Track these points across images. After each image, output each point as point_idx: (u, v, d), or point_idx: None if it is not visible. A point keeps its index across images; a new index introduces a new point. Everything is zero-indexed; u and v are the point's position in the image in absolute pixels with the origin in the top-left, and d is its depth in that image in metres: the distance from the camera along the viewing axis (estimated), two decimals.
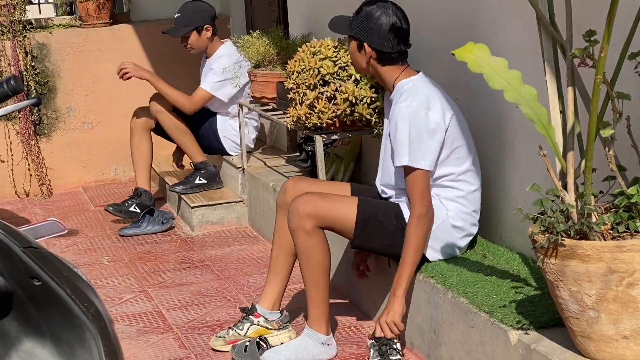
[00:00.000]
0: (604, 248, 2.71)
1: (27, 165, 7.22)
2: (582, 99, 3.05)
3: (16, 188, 7.22)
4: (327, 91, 4.60)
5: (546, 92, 3.01)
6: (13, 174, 7.19)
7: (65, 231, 3.60)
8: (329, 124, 4.66)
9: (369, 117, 4.56)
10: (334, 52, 4.64)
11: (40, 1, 8.01)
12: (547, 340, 3.07)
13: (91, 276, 5.20)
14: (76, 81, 7.32)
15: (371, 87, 4.54)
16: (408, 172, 3.76)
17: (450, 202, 3.88)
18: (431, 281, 3.73)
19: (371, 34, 3.88)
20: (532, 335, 3.13)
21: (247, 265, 5.30)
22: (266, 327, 4.11)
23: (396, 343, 3.69)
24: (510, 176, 4.01)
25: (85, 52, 7.34)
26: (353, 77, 4.57)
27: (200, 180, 6.20)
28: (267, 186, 5.56)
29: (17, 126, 7.15)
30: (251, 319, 4.12)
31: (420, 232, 3.74)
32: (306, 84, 4.66)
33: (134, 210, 6.17)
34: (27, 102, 5.21)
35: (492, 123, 4.07)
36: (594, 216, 2.79)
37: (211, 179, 6.22)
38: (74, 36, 7.34)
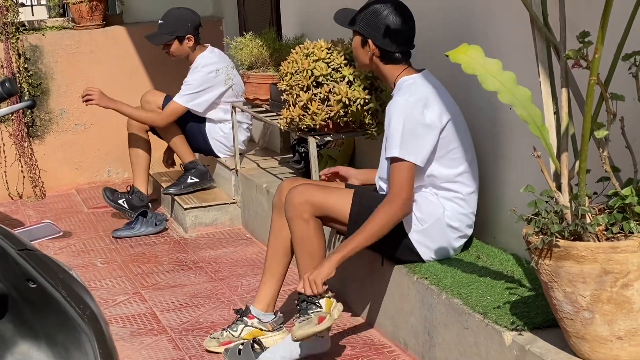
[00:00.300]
0: (598, 249, 2.71)
1: (20, 167, 7.21)
2: (576, 100, 3.05)
3: (9, 190, 7.21)
4: (320, 93, 4.60)
5: (540, 94, 3.02)
6: (6, 175, 7.17)
7: (61, 233, 3.59)
8: (322, 125, 4.66)
9: (362, 118, 4.56)
10: (327, 53, 4.64)
11: (33, 3, 8.00)
12: (541, 341, 3.07)
13: (85, 278, 5.19)
14: (69, 83, 7.30)
15: (364, 89, 4.54)
16: (395, 162, 3.74)
17: (448, 202, 3.88)
18: (425, 282, 3.73)
19: (377, 32, 3.86)
20: (527, 336, 3.13)
21: (240, 267, 5.29)
22: (260, 329, 4.10)
23: (319, 300, 3.69)
24: (505, 177, 4.01)
25: (78, 54, 7.33)
26: (346, 79, 4.57)
27: (192, 179, 6.21)
28: (261, 188, 5.56)
29: (10, 128, 7.14)
30: (245, 321, 4.12)
31: (383, 220, 3.69)
32: (299, 85, 4.66)
33: (121, 204, 6.21)
34: (21, 105, 5.21)
35: (487, 124, 4.08)
36: (588, 217, 2.80)
37: (203, 177, 6.23)
38: (67, 38, 7.33)
